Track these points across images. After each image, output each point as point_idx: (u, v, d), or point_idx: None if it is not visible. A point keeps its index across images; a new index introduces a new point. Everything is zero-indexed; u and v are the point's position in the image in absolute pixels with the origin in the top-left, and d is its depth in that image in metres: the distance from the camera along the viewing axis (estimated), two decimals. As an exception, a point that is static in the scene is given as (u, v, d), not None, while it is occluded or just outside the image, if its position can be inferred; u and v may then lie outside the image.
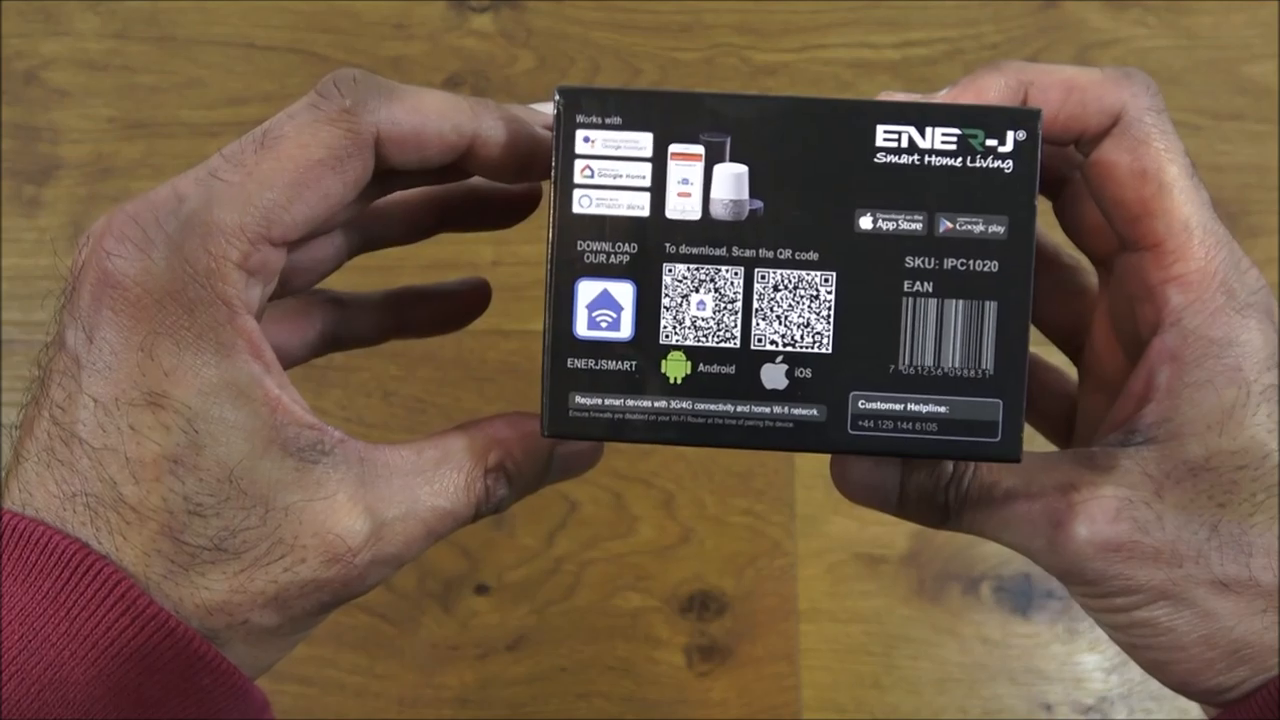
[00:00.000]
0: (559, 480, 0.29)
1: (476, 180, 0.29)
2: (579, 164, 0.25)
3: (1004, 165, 0.25)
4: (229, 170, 0.25)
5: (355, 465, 0.25)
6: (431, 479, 0.26)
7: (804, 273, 0.25)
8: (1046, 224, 0.25)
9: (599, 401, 0.25)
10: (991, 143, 0.25)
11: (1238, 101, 0.56)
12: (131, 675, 0.24)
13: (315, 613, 0.26)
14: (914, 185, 0.24)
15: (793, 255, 0.25)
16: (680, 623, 0.50)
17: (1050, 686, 0.49)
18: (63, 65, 0.54)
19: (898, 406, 0.25)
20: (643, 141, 0.25)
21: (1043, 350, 0.31)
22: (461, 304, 0.32)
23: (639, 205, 0.25)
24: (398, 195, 0.29)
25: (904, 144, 0.25)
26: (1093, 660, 0.50)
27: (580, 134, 0.25)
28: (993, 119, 0.24)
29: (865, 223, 0.25)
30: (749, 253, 0.25)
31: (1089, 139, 0.26)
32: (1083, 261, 0.30)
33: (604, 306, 0.25)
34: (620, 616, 0.50)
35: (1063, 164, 0.29)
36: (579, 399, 0.25)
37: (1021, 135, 0.25)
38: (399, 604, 0.50)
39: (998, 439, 0.25)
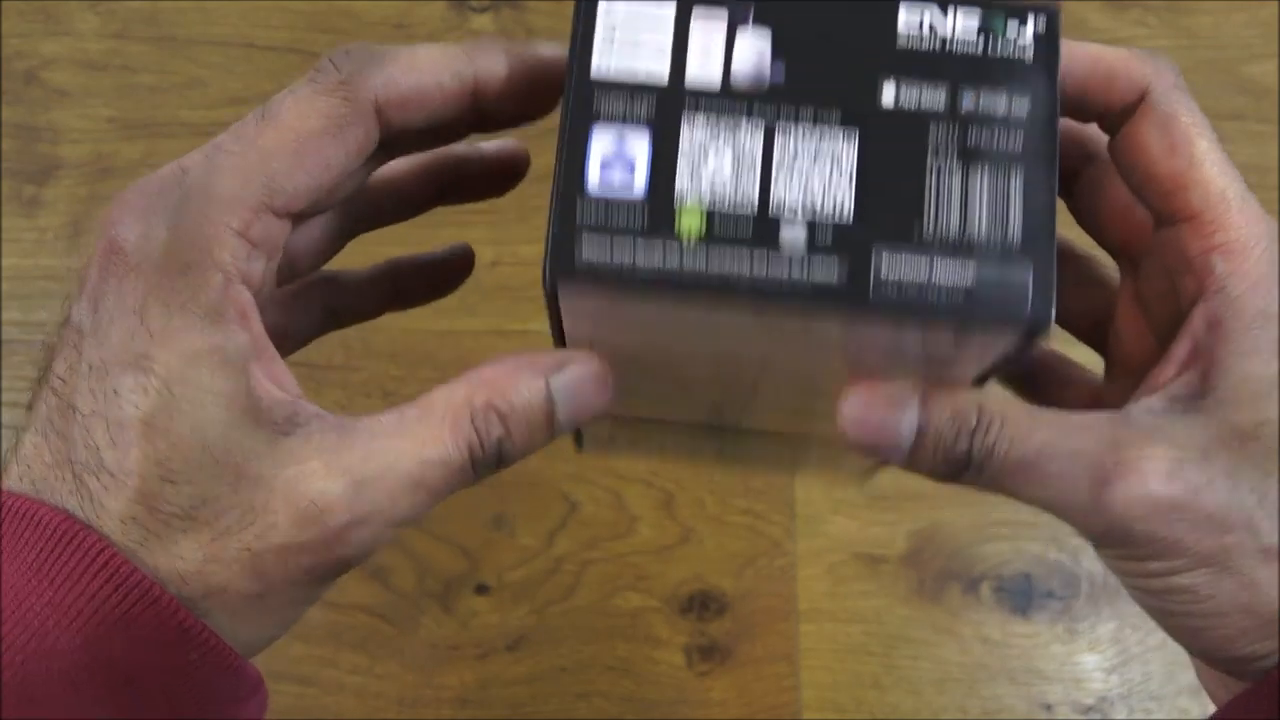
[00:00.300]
0: (568, 428, 0.26)
1: (464, 147, 0.29)
2: (600, 28, 0.24)
3: (1024, 56, 0.25)
4: (231, 143, 0.25)
5: (331, 434, 0.25)
6: (415, 432, 0.25)
7: (826, 135, 0.24)
8: (1061, 224, 0.25)
9: (607, 257, 0.24)
10: (1012, 34, 0.25)
11: (1238, 101, 0.56)
12: (117, 644, 0.24)
13: (300, 580, 0.25)
14: (937, 64, 0.24)
15: (814, 117, 0.24)
16: (680, 623, 0.50)
17: (1050, 686, 0.49)
18: (63, 65, 0.54)
19: (922, 272, 0.24)
20: (665, 7, 0.24)
21: (1064, 348, 0.30)
22: (451, 269, 0.33)
23: (659, 69, 0.24)
24: (387, 170, 0.29)
25: (926, 28, 0.25)
26: (1093, 660, 0.50)
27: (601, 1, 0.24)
28: (1014, 8, 0.25)
29: (888, 92, 0.24)
30: (770, 111, 0.24)
31: (1115, 113, 0.26)
32: (1099, 254, 0.30)
33: (618, 159, 0.24)
34: (620, 616, 0.50)
35: (1075, 154, 0.28)
36: (586, 251, 0.24)
37: (1042, 26, 0.25)
38: (399, 604, 0.50)
39: (1028, 307, 0.24)
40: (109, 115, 0.54)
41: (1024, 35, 0.25)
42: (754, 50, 0.24)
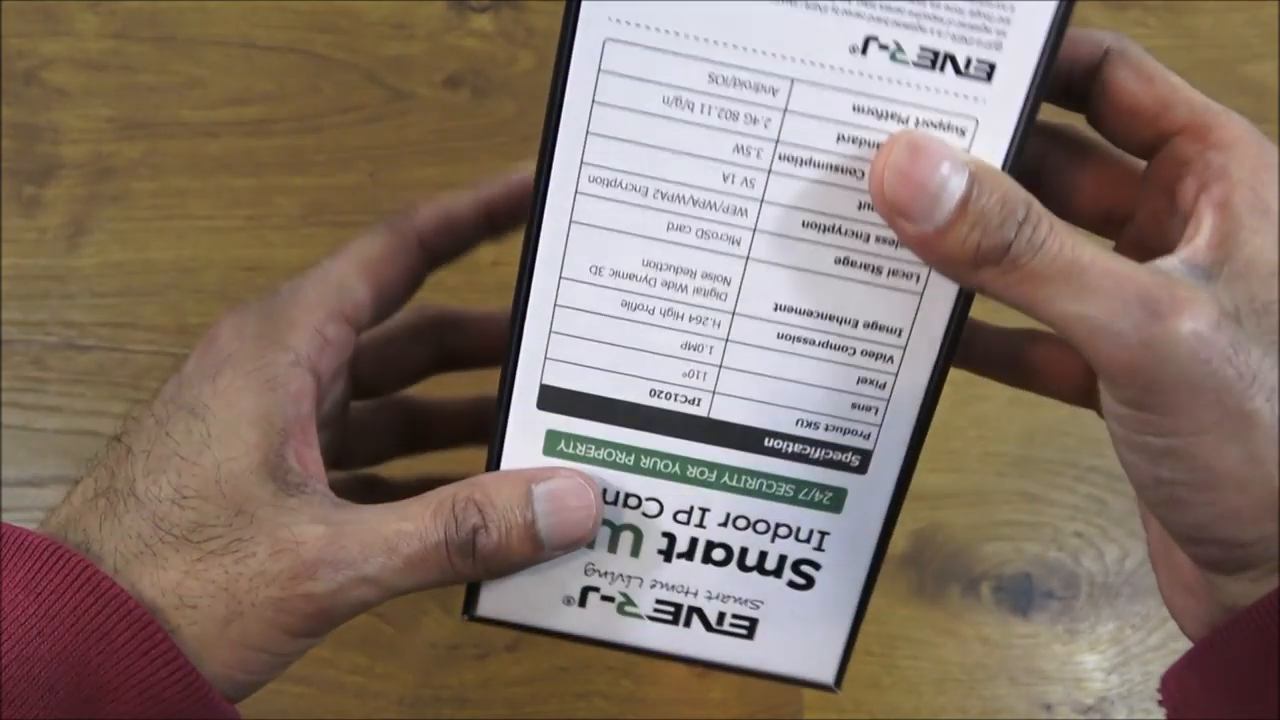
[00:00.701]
0: (551, 540, 0.28)
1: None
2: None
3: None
4: (313, 270, 0.31)
5: (330, 502, 0.28)
6: (401, 509, 0.28)
7: None
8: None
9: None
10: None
11: (1238, 101, 0.55)
12: (92, 654, 0.25)
13: (269, 617, 0.26)
14: None
15: None
16: (680, 623, 0.50)
17: (1050, 686, 0.49)
18: (63, 65, 0.54)
19: None
20: None
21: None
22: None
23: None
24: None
25: None
26: (1093, 660, 0.50)
27: None
28: None
29: None
30: None
31: (1081, 70, 0.27)
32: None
33: None
34: (620, 616, 0.50)
35: (1080, 68, 0.28)
36: None
37: None
38: (399, 604, 0.50)
39: None
40: (109, 115, 0.54)
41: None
42: None
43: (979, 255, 0.24)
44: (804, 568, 0.31)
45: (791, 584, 0.31)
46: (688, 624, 0.31)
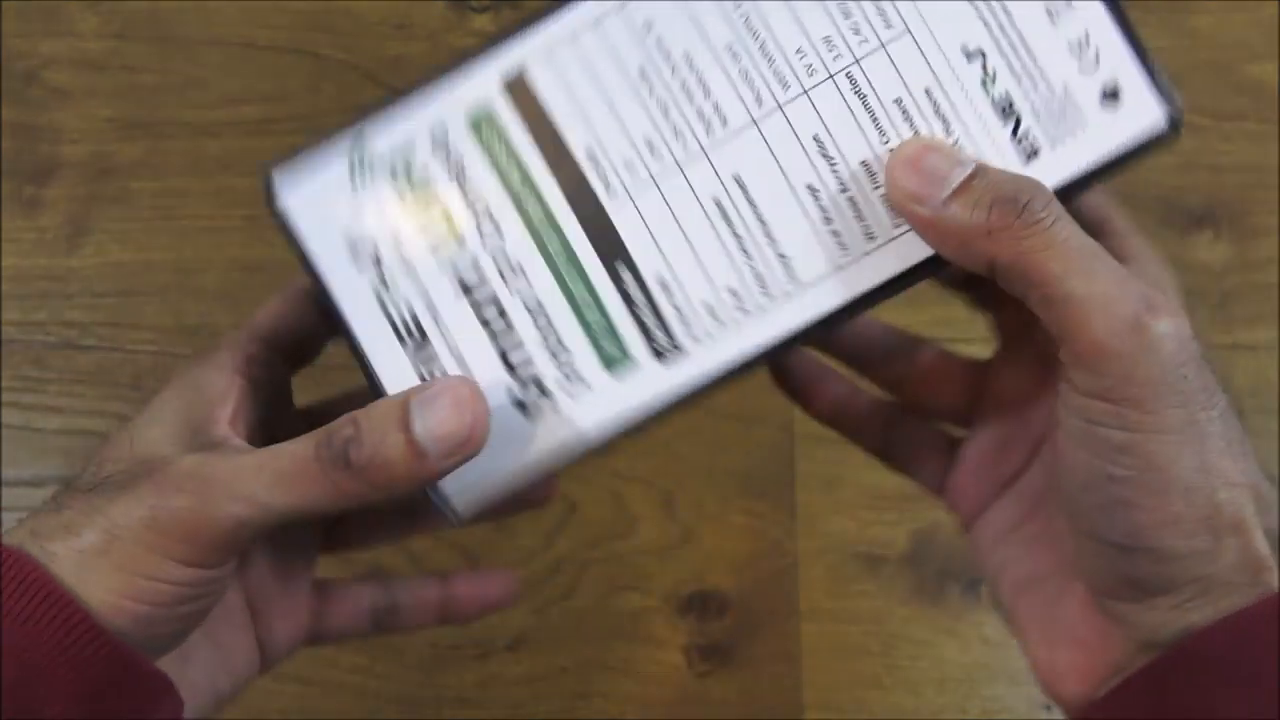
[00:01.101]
0: (432, 445, 0.27)
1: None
2: None
3: None
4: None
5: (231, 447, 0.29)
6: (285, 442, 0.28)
7: None
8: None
9: None
10: None
11: (1238, 101, 0.56)
12: (17, 640, 0.26)
13: (142, 535, 0.27)
14: None
15: None
16: (680, 623, 0.50)
17: (1050, 686, 0.49)
18: (63, 65, 0.54)
19: None
20: None
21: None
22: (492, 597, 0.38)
23: None
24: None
25: None
26: (1093, 660, 0.50)
27: None
28: None
29: None
30: None
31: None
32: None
33: None
34: (620, 616, 0.50)
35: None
36: None
37: None
38: (399, 604, 0.50)
39: None
40: (109, 115, 0.54)
41: None
42: None
43: (991, 217, 0.25)
44: (545, 385, 0.29)
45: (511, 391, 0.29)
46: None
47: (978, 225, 0.26)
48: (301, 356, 0.33)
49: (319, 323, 0.32)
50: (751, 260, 0.28)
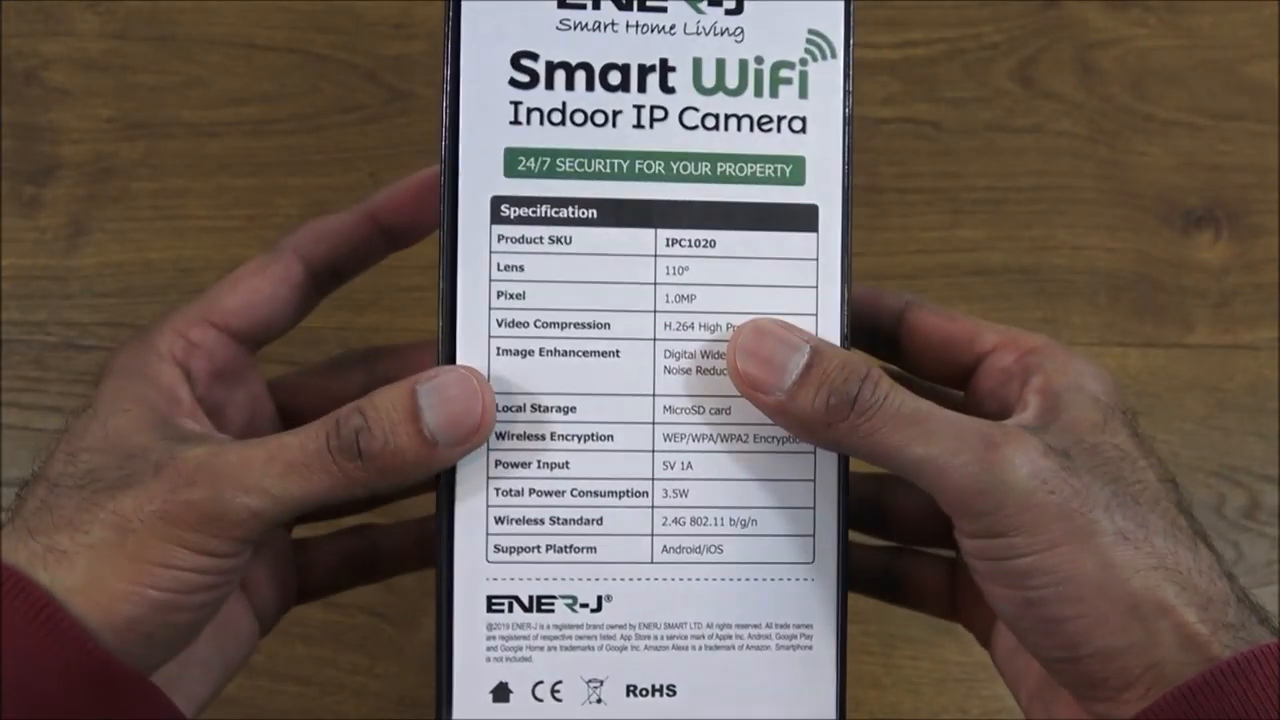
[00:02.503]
0: (443, 435, 0.28)
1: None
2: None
3: None
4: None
5: (228, 440, 0.29)
6: (291, 430, 0.29)
7: None
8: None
9: None
10: None
11: (1238, 101, 0.56)
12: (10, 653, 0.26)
13: (157, 526, 0.27)
14: None
15: None
16: (680, 623, 0.50)
17: (1050, 686, 0.49)
18: (63, 65, 0.54)
19: None
20: None
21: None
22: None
23: None
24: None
25: None
26: (1093, 660, 0.50)
27: None
28: None
29: None
30: None
31: (887, 320, 0.34)
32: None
33: None
34: (620, 616, 0.50)
35: (886, 319, 0.34)
36: None
37: None
38: (399, 604, 0.50)
39: None
40: (109, 115, 0.54)
41: None
42: None
43: (829, 411, 0.27)
44: None
45: None
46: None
47: (818, 418, 0.27)
48: (266, 339, 0.34)
49: (299, 309, 0.33)
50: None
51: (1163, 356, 0.53)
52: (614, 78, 0.30)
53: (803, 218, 0.30)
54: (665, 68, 0.30)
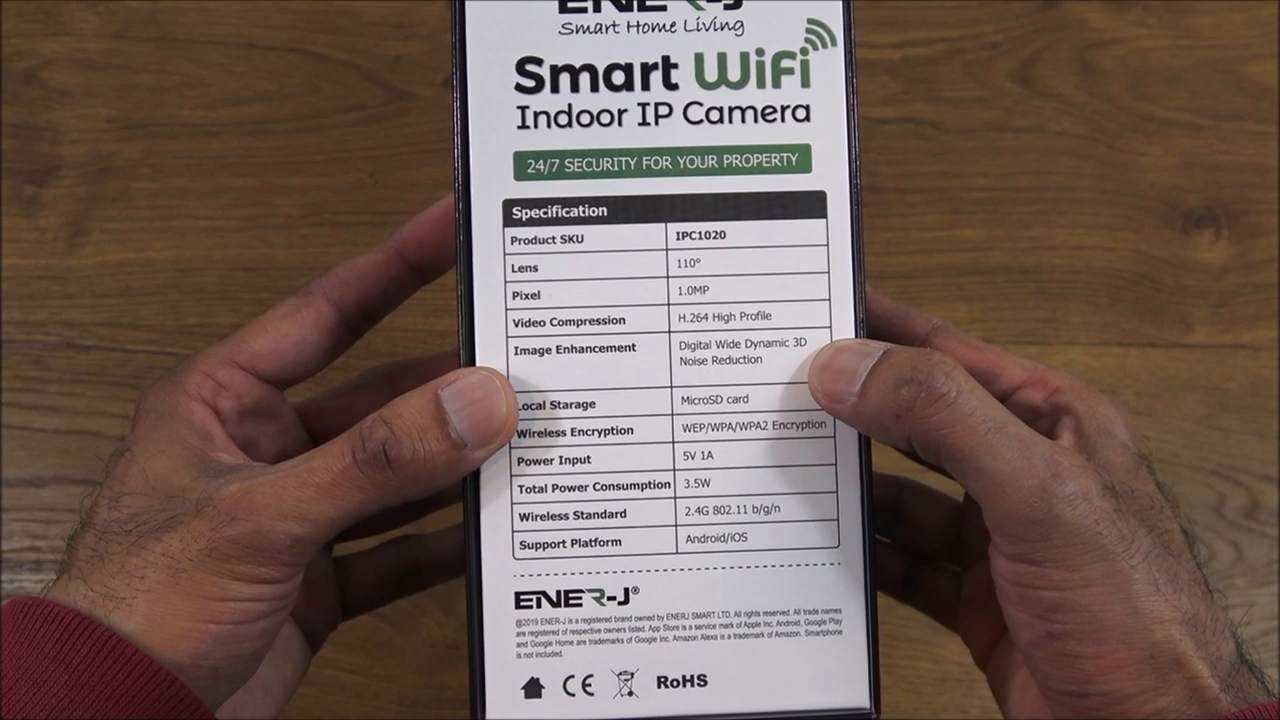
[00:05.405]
0: (472, 438, 0.28)
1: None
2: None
3: None
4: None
5: (259, 470, 0.29)
6: (315, 450, 0.29)
7: None
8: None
9: None
10: None
11: (1238, 101, 0.56)
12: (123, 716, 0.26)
13: (206, 563, 0.27)
14: None
15: None
16: (680, 623, 0.50)
17: (1050, 686, 0.49)
18: (63, 65, 0.54)
19: None
20: None
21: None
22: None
23: None
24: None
25: None
26: (1093, 660, 0.50)
27: None
28: None
29: None
30: None
31: (917, 344, 0.33)
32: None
33: None
34: (620, 616, 0.50)
35: (911, 339, 0.34)
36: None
37: None
38: (399, 604, 0.50)
39: None
40: (109, 115, 0.54)
41: None
42: None
43: (898, 401, 0.27)
44: None
45: None
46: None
47: (888, 408, 0.28)
48: (295, 380, 0.34)
49: (328, 354, 0.34)
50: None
51: (1163, 356, 0.53)
52: (617, 78, 0.30)
53: (811, 204, 0.30)
54: (667, 65, 0.30)
